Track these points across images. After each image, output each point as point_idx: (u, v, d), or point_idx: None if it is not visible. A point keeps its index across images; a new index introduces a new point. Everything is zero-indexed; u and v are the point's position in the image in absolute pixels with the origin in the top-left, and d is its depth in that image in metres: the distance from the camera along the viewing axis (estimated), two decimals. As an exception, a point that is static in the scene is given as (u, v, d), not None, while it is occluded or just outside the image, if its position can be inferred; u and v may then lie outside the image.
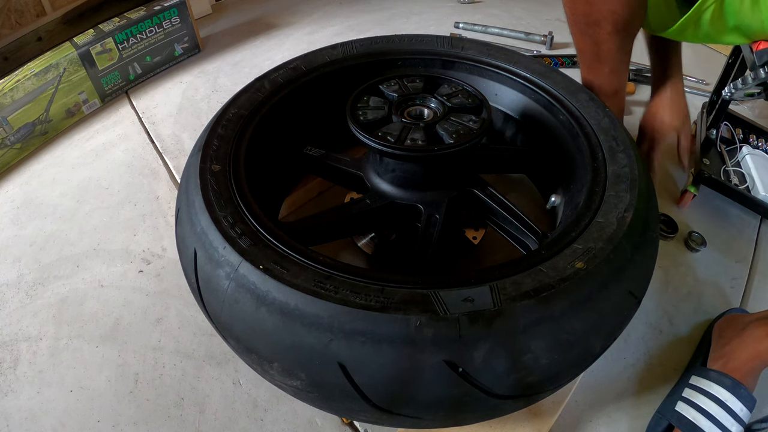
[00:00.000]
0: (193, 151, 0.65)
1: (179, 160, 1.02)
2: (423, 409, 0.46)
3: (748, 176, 0.90)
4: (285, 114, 0.76)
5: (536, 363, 0.45)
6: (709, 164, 0.91)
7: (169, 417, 0.66)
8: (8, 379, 0.70)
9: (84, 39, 1.09)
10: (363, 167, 0.71)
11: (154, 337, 0.74)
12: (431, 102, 0.69)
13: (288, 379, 0.47)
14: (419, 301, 0.45)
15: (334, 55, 0.82)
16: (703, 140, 0.95)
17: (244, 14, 1.50)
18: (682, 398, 0.64)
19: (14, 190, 0.98)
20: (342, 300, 0.45)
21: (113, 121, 1.13)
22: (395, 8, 1.54)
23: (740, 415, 0.61)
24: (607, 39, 0.72)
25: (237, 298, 0.48)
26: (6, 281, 0.82)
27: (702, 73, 1.25)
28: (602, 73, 0.78)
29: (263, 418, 0.66)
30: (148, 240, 0.87)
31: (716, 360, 0.67)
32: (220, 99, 1.16)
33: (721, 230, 0.91)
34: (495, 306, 0.45)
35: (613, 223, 0.54)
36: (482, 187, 0.69)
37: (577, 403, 0.67)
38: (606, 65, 0.77)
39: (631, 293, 0.51)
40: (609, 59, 0.76)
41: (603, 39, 0.72)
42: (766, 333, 0.64)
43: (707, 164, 0.90)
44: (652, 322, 0.77)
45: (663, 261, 0.85)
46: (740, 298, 0.81)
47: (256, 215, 0.55)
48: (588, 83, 0.81)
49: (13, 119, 0.99)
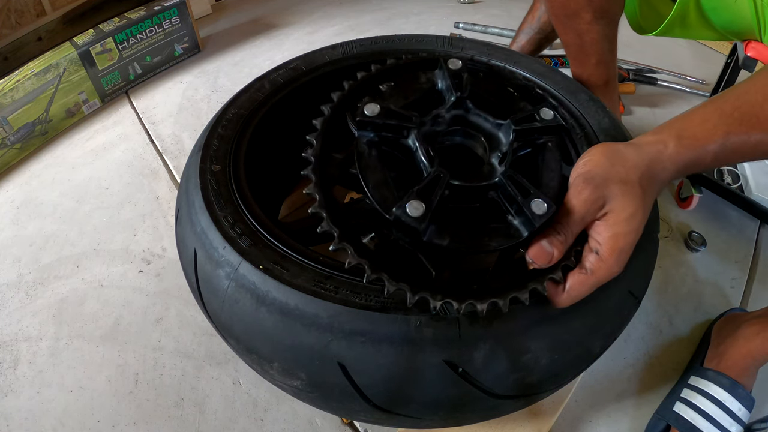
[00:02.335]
0: (193, 151, 0.65)
1: (179, 160, 1.02)
2: (423, 409, 0.46)
3: (742, 176, 0.90)
4: (285, 114, 0.75)
5: (536, 363, 0.45)
6: None
7: (169, 417, 0.66)
8: (8, 379, 0.70)
9: (84, 39, 1.09)
10: (363, 167, 0.71)
11: (154, 337, 0.74)
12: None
13: (288, 379, 0.47)
14: (419, 301, 0.45)
15: (334, 55, 0.81)
16: None
17: (244, 14, 1.50)
18: (681, 399, 0.64)
19: (14, 190, 0.98)
20: (342, 300, 0.45)
21: (113, 121, 1.13)
22: (395, 8, 1.54)
23: (739, 415, 0.61)
24: (589, 29, 0.72)
25: (237, 298, 0.48)
26: (6, 281, 0.82)
27: (701, 73, 1.25)
28: (589, 65, 0.77)
29: (263, 418, 0.66)
30: (148, 240, 0.87)
31: (711, 359, 0.67)
32: (220, 99, 1.16)
33: (721, 230, 0.91)
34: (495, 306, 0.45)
35: None
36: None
37: (577, 403, 0.67)
38: (592, 56, 0.75)
39: (631, 293, 0.51)
40: (594, 49, 0.74)
41: (584, 29, 0.72)
42: (756, 331, 0.64)
43: None
44: (652, 322, 0.77)
45: (663, 261, 0.85)
46: (740, 298, 0.81)
47: (256, 215, 0.55)
48: (577, 77, 0.80)
49: (13, 119, 0.99)
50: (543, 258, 0.42)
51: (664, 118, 0.96)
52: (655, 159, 0.43)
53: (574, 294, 0.43)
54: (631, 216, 0.41)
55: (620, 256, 0.42)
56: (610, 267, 0.42)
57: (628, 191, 0.42)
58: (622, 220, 0.41)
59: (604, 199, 0.42)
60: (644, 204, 0.42)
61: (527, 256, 0.43)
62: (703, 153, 0.44)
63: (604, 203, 0.42)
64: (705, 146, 0.43)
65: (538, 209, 0.42)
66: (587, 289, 0.43)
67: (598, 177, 0.42)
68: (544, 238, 0.42)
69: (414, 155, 0.47)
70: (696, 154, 0.44)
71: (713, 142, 0.43)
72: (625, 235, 0.41)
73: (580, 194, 0.42)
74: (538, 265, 0.42)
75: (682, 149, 0.43)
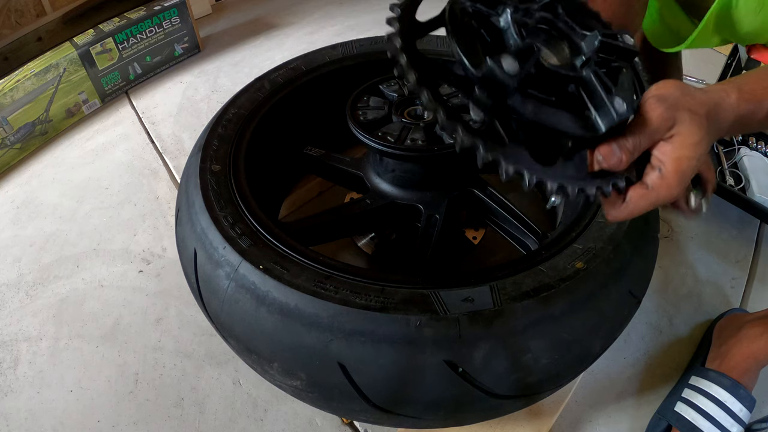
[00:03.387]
0: (193, 151, 0.65)
1: (179, 160, 1.02)
2: (423, 409, 0.46)
3: (744, 177, 0.90)
4: (285, 114, 0.76)
5: (536, 363, 0.45)
6: None
7: (169, 417, 0.66)
8: (8, 379, 0.70)
9: (84, 39, 1.09)
10: (363, 167, 0.71)
11: (154, 337, 0.74)
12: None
13: (288, 379, 0.47)
14: (419, 301, 0.45)
15: (334, 55, 0.82)
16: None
17: (244, 14, 1.50)
18: (682, 399, 0.64)
19: (14, 190, 0.98)
20: (342, 300, 0.45)
21: (113, 121, 1.13)
22: (395, 8, 1.54)
23: (740, 416, 0.61)
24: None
25: (237, 298, 0.48)
26: (6, 281, 0.82)
27: (701, 73, 1.25)
28: None
29: (263, 418, 0.66)
30: (148, 240, 0.87)
31: (713, 360, 0.67)
32: (220, 99, 1.16)
33: (721, 230, 0.91)
34: (495, 306, 0.45)
35: (613, 223, 0.54)
36: (482, 187, 0.69)
37: (577, 403, 0.67)
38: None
39: (631, 293, 0.51)
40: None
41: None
42: (760, 332, 0.64)
43: None
44: (652, 322, 0.77)
45: (663, 261, 0.85)
46: (740, 298, 0.81)
47: (256, 215, 0.55)
48: None
49: (13, 119, 0.99)
50: (611, 158, 0.42)
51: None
52: (719, 103, 0.45)
53: (632, 206, 0.44)
54: (697, 143, 0.43)
55: (682, 178, 0.43)
56: (671, 186, 0.43)
57: (696, 120, 0.43)
58: (688, 144, 0.43)
59: (674, 120, 0.43)
60: (708, 138, 0.44)
61: (596, 154, 0.43)
62: (759, 107, 0.46)
63: (673, 124, 0.43)
64: (762, 101, 0.46)
65: (619, 107, 0.42)
66: (645, 204, 0.44)
67: (671, 99, 0.43)
68: (614, 142, 0.43)
69: (504, 35, 0.45)
70: (753, 107, 0.46)
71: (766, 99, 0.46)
72: (689, 159, 0.43)
73: (653, 111, 0.43)
74: (606, 165, 0.43)
75: (742, 101, 0.46)
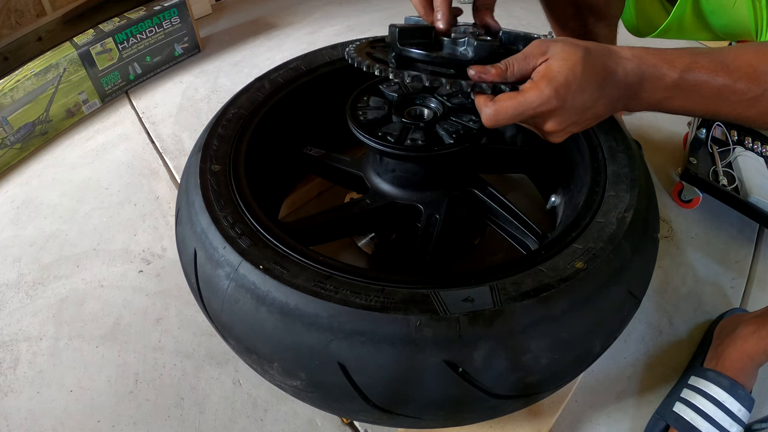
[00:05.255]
0: (193, 151, 0.65)
1: (179, 160, 1.02)
2: (423, 409, 0.46)
3: (738, 178, 0.90)
4: (285, 114, 0.76)
5: (536, 363, 0.45)
6: (696, 163, 0.90)
7: (169, 417, 0.66)
8: (8, 379, 0.70)
9: (84, 39, 1.09)
10: (363, 167, 0.71)
11: (154, 337, 0.74)
12: (431, 102, 0.69)
13: (288, 379, 0.47)
14: (419, 301, 0.45)
15: (334, 55, 0.82)
16: (692, 140, 0.95)
17: (244, 14, 1.50)
18: (680, 399, 0.64)
19: (14, 190, 0.98)
20: (342, 300, 0.45)
21: (113, 121, 1.13)
22: (395, 8, 1.54)
23: (739, 416, 0.61)
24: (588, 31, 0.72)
25: (237, 298, 0.48)
26: (6, 281, 0.82)
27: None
28: None
29: (263, 418, 0.66)
30: (148, 240, 0.87)
31: (711, 360, 0.67)
32: (220, 99, 1.16)
33: (721, 230, 0.91)
34: (495, 306, 0.45)
35: (613, 223, 0.54)
36: (482, 187, 0.69)
37: (577, 403, 0.67)
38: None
39: (631, 293, 0.51)
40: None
41: (584, 32, 0.72)
42: (752, 331, 0.64)
43: (694, 163, 0.90)
44: (652, 322, 0.77)
45: (663, 261, 0.85)
46: (740, 298, 0.81)
47: (256, 215, 0.55)
48: None
49: (13, 119, 0.99)
50: (482, 71, 0.47)
51: (663, 117, 0.96)
52: (613, 49, 0.46)
53: (498, 105, 0.46)
54: (573, 64, 0.44)
55: (551, 83, 0.44)
56: (541, 90, 0.44)
57: (569, 46, 0.45)
58: (560, 60, 0.44)
59: (546, 47, 0.46)
60: (591, 71, 0.44)
61: (470, 70, 0.48)
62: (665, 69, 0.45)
63: (546, 50, 0.46)
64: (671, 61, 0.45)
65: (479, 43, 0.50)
66: (513, 105, 0.45)
67: (549, 41, 0.47)
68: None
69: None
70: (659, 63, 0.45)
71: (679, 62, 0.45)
72: (558, 68, 0.44)
73: (531, 45, 0.47)
74: (476, 74, 0.47)
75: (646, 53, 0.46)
